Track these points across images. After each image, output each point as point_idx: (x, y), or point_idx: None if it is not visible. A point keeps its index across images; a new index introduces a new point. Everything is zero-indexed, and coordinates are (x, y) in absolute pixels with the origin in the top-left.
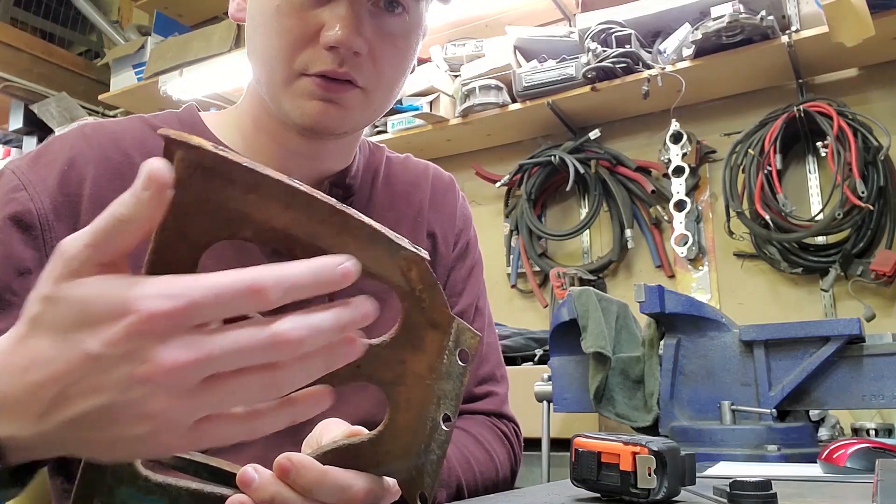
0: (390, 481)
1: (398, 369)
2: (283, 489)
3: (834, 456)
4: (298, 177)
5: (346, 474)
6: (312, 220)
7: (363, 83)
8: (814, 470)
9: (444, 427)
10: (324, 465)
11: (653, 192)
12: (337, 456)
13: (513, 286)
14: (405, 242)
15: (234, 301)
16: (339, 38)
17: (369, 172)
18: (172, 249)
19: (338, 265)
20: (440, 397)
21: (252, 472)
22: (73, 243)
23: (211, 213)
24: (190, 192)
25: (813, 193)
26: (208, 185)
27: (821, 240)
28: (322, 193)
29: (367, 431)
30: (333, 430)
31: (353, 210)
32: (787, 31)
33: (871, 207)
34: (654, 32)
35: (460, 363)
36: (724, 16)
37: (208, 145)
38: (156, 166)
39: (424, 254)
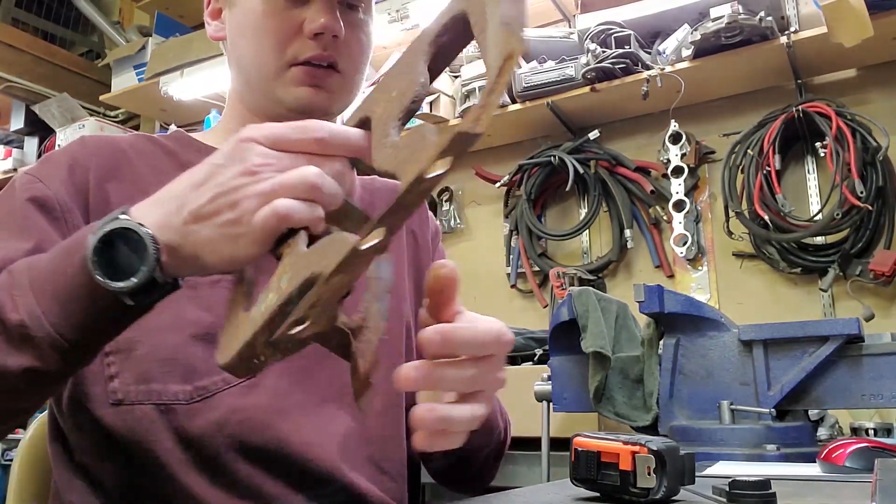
0: None
1: None
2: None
3: (833, 455)
4: None
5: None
6: None
7: (342, 67)
8: (813, 469)
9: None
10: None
11: (652, 192)
12: None
13: (512, 286)
14: None
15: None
16: (324, 24)
17: None
18: None
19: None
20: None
21: (409, 370)
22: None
23: None
24: None
25: (812, 194)
26: None
27: (820, 240)
28: None
29: None
30: None
31: None
32: (786, 32)
33: (870, 207)
34: (653, 33)
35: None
36: (723, 16)
37: None
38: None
39: None
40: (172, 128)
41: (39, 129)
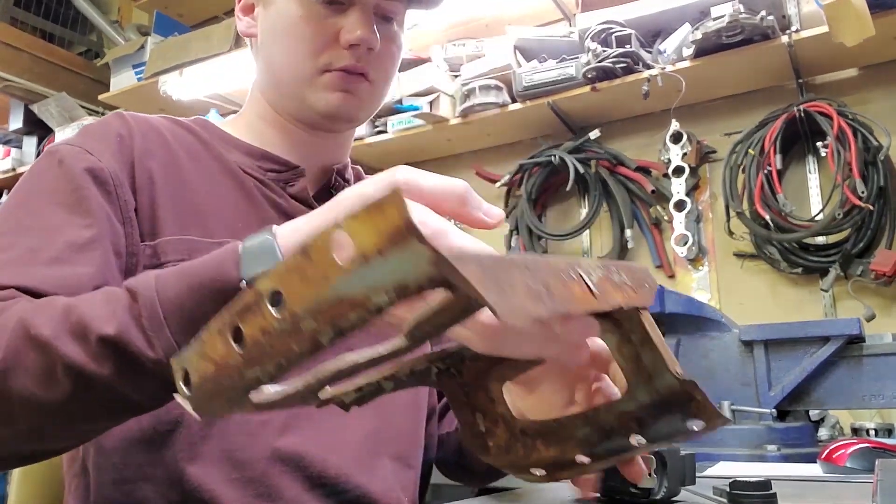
0: None
1: None
2: None
3: (834, 456)
4: (307, 166)
5: None
6: None
7: (373, 77)
8: (814, 470)
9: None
10: None
11: (653, 192)
12: None
13: None
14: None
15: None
16: (360, 37)
17: (356, 173)
18: None
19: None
20: None
21: None
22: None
23: None
24: None
25: (813, 193)
26: None
27: (821, 240)
28: None
29: None
30: None
31: None
32: (788, 31)
33: (871, 207)
34: (654, 32)
35: None
36: (724, 16)
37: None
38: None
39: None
40: None
41: (38, 128)
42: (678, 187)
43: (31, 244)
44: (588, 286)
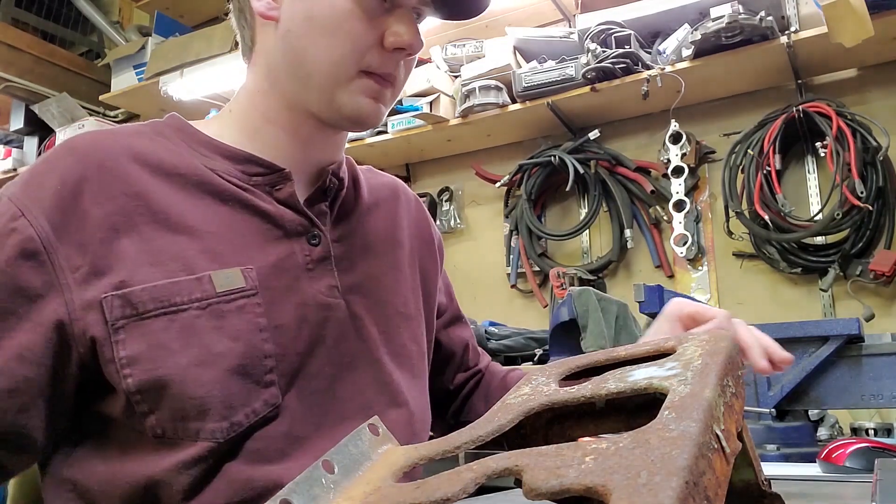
0: None
1: None
2: None
3: (833, 455)
4: (307, 164)
5: None
6: None
7: (397, 83)
8: (813, 469)
9: None
10: None
11: (652, 192)
12: None
13: (513, 286)
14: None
15: None
16: (410, 42)
17: (350, 169)
18: None
19: None
20: None
21: None
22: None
23: None
24: None
25: (812, 194)
26: None
27: (820, 240)
28: None
29: None
30: None
31: None
32: (787, 32)
33: (871, 207)
34: (653, 33)
35: None
36: (723, 16)
37: None
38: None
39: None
40: None
41: (39, 128)
42: (677, 187)
43: None
44: (723, 448)
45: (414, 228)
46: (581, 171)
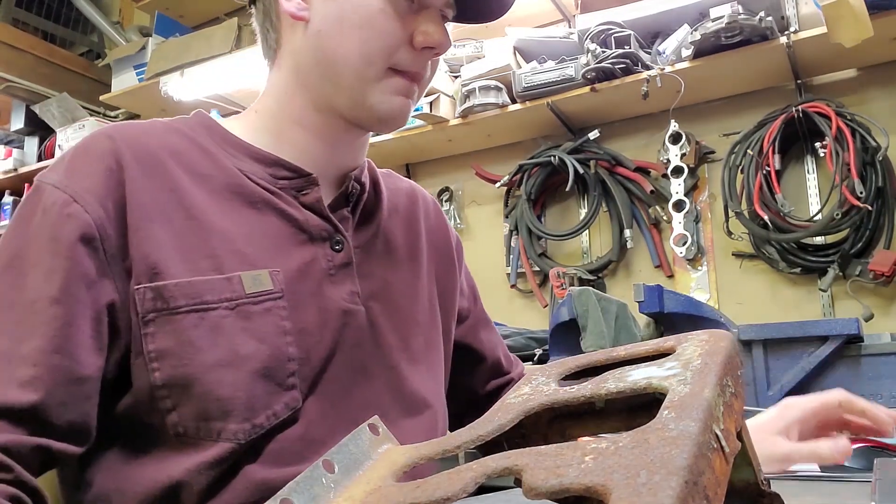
0: None
1: None
2: None
3: None
4: (332, 168)
5: None
6: None
7: (423, 82)
8: (812, 468)
9: None
10: None
11: (652, 192)
12: None
13: (512, 286)
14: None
15: None
16: (440, 41)
17: (371, 173)
18: None
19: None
20: None
21: None
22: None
23: None
24: None
25: (811, 194)
26: None
27: (819, 240)
28: None
29: None
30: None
31: None
32: (786, 32)
33: (870, 208)
34: (653, 33)
35: None
36: (722, 17)
37: None
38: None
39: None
40: None
41: (39, 129)
42: (677, 187)
43: (7, 340)
44: (722, 448)
45: (432, 235)
46: (581, 171)
